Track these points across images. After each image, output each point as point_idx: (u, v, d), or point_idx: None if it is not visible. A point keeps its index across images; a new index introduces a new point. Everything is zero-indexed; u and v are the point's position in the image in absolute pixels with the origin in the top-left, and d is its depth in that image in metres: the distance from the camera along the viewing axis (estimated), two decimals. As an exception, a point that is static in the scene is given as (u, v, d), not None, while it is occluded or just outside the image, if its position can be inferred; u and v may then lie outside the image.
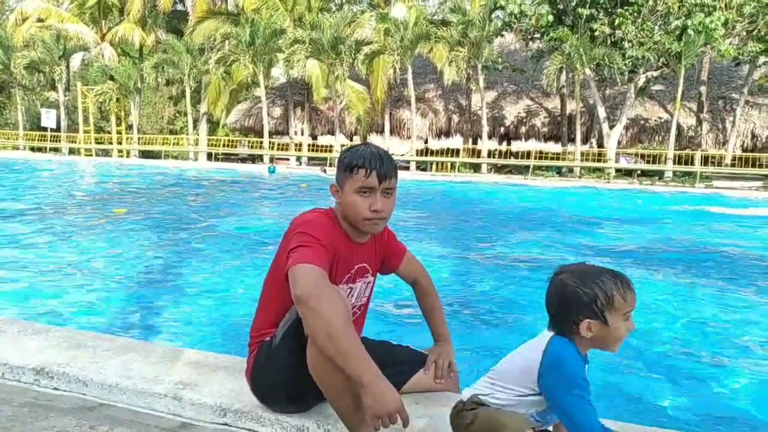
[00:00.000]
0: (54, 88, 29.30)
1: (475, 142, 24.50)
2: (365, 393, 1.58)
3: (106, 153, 27.80)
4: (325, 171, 20.83)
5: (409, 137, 24.28)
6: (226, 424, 2.06)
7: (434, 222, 9.68)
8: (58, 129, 28.37)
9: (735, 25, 18.00)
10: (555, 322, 1.59)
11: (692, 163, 19.42)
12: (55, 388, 2.30)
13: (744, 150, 21.23)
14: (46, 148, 27.93)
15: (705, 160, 19.64)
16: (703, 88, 21.59)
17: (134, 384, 2.21)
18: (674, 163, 19.56)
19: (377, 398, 1.56)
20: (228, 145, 26.54)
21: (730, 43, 17.90)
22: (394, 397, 1.58)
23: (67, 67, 29.30)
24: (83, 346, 2.57)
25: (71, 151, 27.74)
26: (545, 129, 24.13)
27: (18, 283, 4.90)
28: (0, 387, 2.32)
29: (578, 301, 1.52)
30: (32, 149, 28.39)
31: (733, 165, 19.58)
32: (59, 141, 28.07)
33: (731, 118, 21.16)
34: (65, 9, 29.47)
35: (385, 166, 1.90)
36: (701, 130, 21.76)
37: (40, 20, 28.65)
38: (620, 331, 1.53)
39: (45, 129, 28.03)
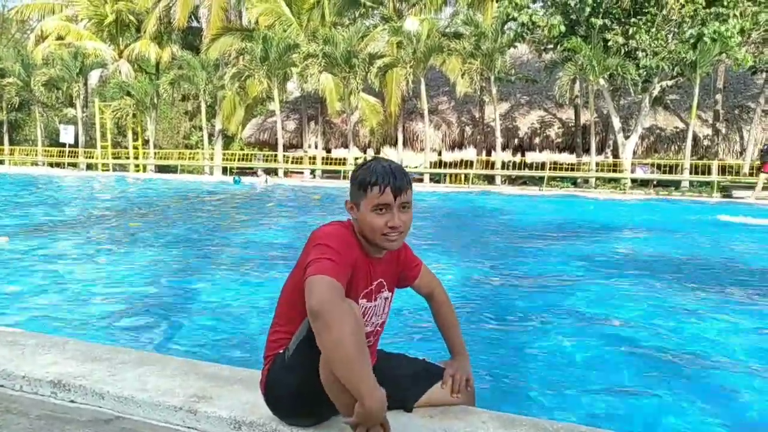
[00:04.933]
0: (72, 104, 29.81)
1: (488, 154, 24.45)
2: (363, 411, 1.65)
3: (123, 168, 28.16)
4: (266, 181, 20.46)
5: (422, 149, 24.31)
6: (241, 437, 2.05)
7: (451, 234, 9.65)
8: (76, 144, 28.82)
9: (751, 34, 17.85)
10: None
11: (709, 173, 19.21)
12: (72, 401, 2.31)
13: (762, 159, 20.95)
14: (64, 164, 28.37)
15: (722, 170, 19.42)
16: (719, 97, 21.40)
17: (150, 397, 2.21)
18: (691, 172, 19.36)
19: (372, 421, 1.67)
20: (243, 159, 26.76)
21: (746, 51, 17.73)
22: (384, 422, 1.70)
23: (85, 83, 29.82)
24: (99, 359, 2.58)
25: (89, 167, 28.15)
26: (559, 140, 24.03)
27: (35, 297, 4.95)
28: (18, 399, 2.34)
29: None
30: (51, 165, 28.86)
31: (751, 174, 19.33)
32: (77, 156, 28.51)
33: (748, 127, 20.92)
34: (83, 27, 30.04)
35: (399, 181, 1.89)
36: (718, 139, 21.54)
37: (59, 38, 29.24)
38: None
39: (63, 145, 28.49)
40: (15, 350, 2.67)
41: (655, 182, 20.10)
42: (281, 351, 1.95)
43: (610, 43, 18.29)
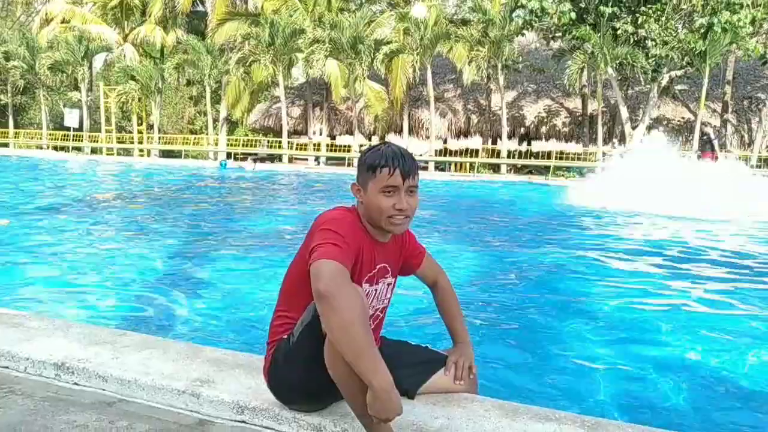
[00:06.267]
0: (77, 88, 29.73)
1: (494, 142, 24.34)
2: (373, 394, 1.62)
3: (128, 152, 28.17)
4: (254, 167, 20.75)
5: (428, 137, 24.23)
6: (243, 422, 2.06)
7: (455, 221, 9.64)
8: (80, 128, 28.79)
9: (762, 24, 17.65)
10: None
11: (716, 164, 19.11)
12: (75, 383, 2.32)
13: (770, 151, 20.82)
14: (68, 148, 28.38)
15: (730, 161, 19.29)
16: (727, 88, 21.22)
17: (153, 380, 2.22)
18: (698, 163, 19.27)
19: (383, 404, 1.62)
20: (247, 145, 26.72)
21: (756, 42, 17.54)
22: (397, 407, 1.64)
23: (90, 67, 29.71)
24: (103, 342, 2.59)
25: (93, 151, 28.16)
26: (566, 129, 23.89)
27: (40, 280, 4.97)
28: (22, 381, 2.35)
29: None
30: (55, 148, 28.85)
31: (758, 166, 19.20)
32: (81, 140, 28.51)
33: (757, 119, 20.75)
34: (89, 10, 29.91)
35: (408, 164, 1.90)
36: (726, 130, 21.39)
37: (64, 21, 29.14)
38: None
39: (68, 128, 28.49)
40: (20, 332, 2.68)
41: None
42: (285, 336, 1.95)
43: (619, 32, 18.12)
